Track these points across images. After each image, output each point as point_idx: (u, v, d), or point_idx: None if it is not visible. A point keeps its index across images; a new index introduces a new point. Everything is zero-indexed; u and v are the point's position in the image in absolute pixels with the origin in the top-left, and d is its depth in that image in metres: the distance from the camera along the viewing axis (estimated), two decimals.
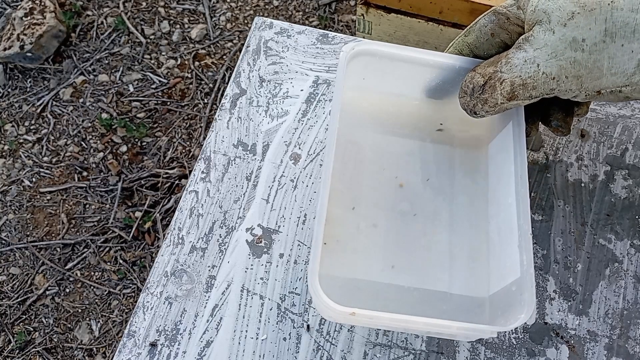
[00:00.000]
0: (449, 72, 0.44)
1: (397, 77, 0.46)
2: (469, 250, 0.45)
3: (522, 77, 0.38)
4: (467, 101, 0.41)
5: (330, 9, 1.50)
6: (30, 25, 1.44)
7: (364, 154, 0.48)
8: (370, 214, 0.46)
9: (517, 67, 0.38)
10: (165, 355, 0.45)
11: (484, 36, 0.42)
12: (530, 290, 0.37)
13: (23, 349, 1.21)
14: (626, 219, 0.48)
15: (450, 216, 0.46)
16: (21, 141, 1.39)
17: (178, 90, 1.43)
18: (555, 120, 0.43)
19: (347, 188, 0.46)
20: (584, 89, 0.38)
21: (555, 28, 0.38)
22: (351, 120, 0.48)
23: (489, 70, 0.40)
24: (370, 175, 0.47)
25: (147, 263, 1.26)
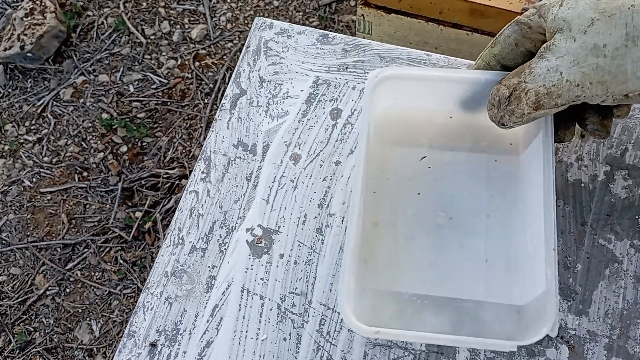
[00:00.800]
0: (478, 85, 0.45)
1: (428, 94, 0.47)
2: (505, 260, 0.45)
3: (546, 86, 0.38)
4: (495, 113, 0.42)
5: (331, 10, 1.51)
6: (31, 25, 1.44)
7: (400, 169, 0.49)
8: (407, 228, 0.47)
9: (541, 77, 0.39)
10: (165, 355, 0.45)
11: (509, 46, 0.43)
12: (552, 305, 0.38)
13: (23, 349, 1.21)
14: (626, 219, 0.48)
15: (487, 226, 0.46)
16: (21, 141, 1.39)
17: (178, 91, 1.43)
18: (591, 124, 0.43)
19: (384, 203, 0.47)
20: (610, 93, 0.38)
21: (576, 35, 0.38)
22: (385, 136, 0.49)
23: (514, 81, 0.40)
24: (406, 190, 0.48)
25: (147, 263, 1.26)
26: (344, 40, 0.55)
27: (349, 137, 0.52)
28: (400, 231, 0.46)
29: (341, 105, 0.53)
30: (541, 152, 0.42)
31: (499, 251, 0.45)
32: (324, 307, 0.46)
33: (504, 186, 0.48)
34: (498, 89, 0.41)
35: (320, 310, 0.46)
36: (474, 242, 0.46)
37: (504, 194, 0.47)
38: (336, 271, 0.47)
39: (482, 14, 0.78)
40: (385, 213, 0.47)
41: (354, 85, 0.53)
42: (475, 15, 0.78)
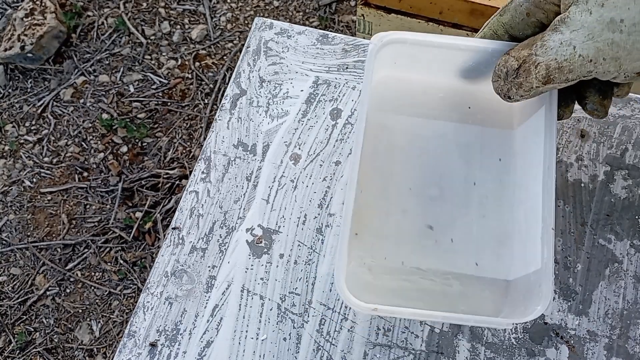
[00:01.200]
0: (483, 55, 0.44)
1: (429, 62, 0.45)
2: (497, 235, 0.45)
3: (557, 60, 0.37)
4: (500, 85, 0.40)
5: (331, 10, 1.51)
6: (31, 25, 1.44)
7: (395, 138, 0.48)
8: (400, 200, 0.46)
9: (553, 50, 0.37)
10: (165, 355, 0.45)
11: (520, 15, 0.41)
12: (548, 283, 0.38)
13: (24, 349, 1.21)
14: (626, 219, 0.48)
15: (480, 199, 0.46)
16: (22, 142, 1.39)
17: (178, 91, 1.43)
18: (591, 103, 0.42)
19: (378, 174, 0.47)
20: (623, 70, 0.37)
21: (592, 8, 0.36)
22: (382, 103, 0.48)
23: (524, 53, 0.38)
24: (401, 159, 0.47)
25: (147, 263, 1.26)
26: (344, 41, 0.55)
27: (349, 137, 0.52)
28: (392, 203, 0.46)
29: (341, 105, 0.53)
30: (542, 128, 0.42)
31: (491, 225, 0.45)
32: (324, 307, 0.46)
33: (498, 160, 0.47)
34: (506, 60, 0.40)
35: (320, 310, 0.46)
36: (466, 215, 0.46)
37: (498, 169, 0.47)
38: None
39: (482, 14, 0.78)
40: (376, 184, 0.46)
41: (354, 85, 0.53)
42: (475, 15, 0.78)
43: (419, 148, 0.48)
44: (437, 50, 0.44)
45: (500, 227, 0.45)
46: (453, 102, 0.49)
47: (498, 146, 0.47)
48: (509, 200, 0.46)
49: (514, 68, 0.39)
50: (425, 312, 0.38)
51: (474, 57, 0.44)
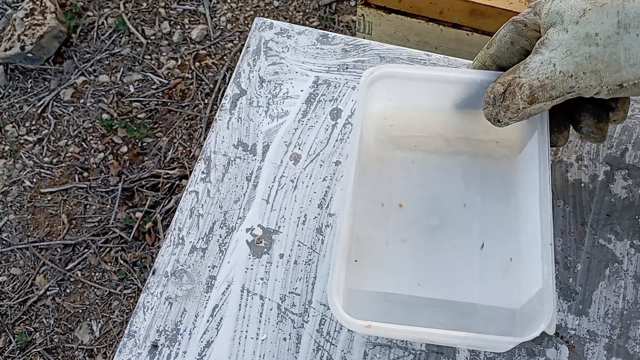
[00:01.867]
0: (473, 87, 0.45)
1: (422, 94, 0.46)
2: (499, 262, 0.45)
3: (539, 79, 0.39)
4: (490, 111, 0.41)
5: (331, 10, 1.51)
6: (31, 26, 1.44)
7: (394, 171, 0.48)
8: (399, 230, 0.46)
9: (534, 70, 0.39)
10: (165, 355, 0.45)
11: (504, 45, 0.43)
12: (550, 300, 0.37)
13: (24, 350, 1.21)
14: (626, 219, 0.48)
15: (481, 228, 0.46)
16: (22, 142, 1.39)
17: (178, 91, 1.43)
18: (586, 127, 0.43)
19: (376, 205, 0.47)
20: (605, 83, 0.38)
21: (568, 27, 0.38)
22: (379, 137, 0.49)
23: (508, 78, 0.40)
24: (400, 190, 0.48)
25: (147, 263, 1.26)
26: (344, 41, 0.55)
27: (348, 137, 0.52)
28: (392, 232, 0.46)
29: (341, 105, 0.53)
30: (536, 151, 0.42)
31: (493, 253, 0.45)
32: (324, 307, 0.46)
33: (499, 189, 0.47)
34: (493, 87, 0.41)
35: (320, 310, 0.46)
36: (467, 243, 0.46)
37: (499, 197, 0.47)
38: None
39: (482, 14, 0.78)
40: (376, 214, 0.47)
41: (354, 85, 0.53)
42: (475, 15, 0.78)
43: (418, 180, 0.48)
44: (428, 84, 0.45)
45: (503, 254, 0.45)
46: (451, 134, 0.49)
47: (498, 175, 0.48)
48: (511, 228, 0.46)
49: (500, 92, 0.40)
50: (421, 329, 0.38)
51: (466, 90, 0.45)
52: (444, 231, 0.46)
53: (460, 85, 0.45)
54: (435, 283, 0.44)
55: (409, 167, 0.48)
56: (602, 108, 0.43)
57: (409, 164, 0.48)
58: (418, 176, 0.48)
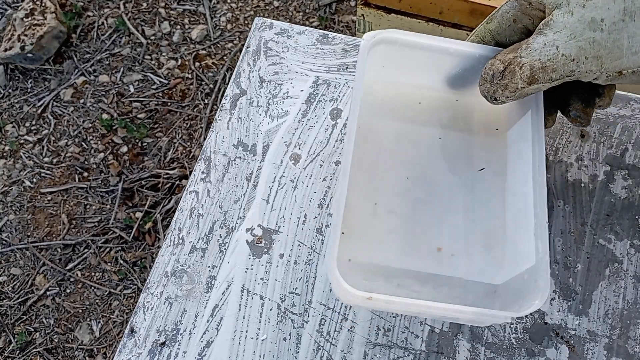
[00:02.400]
0: (470, 61, 0.44)
1: (417, 65, 0.46)
2: (484, 238, 0.45)
3: (541, 60, 0.38)
4: (487, 88, 0.41)
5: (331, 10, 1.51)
6: (31, 26, 1.44)
7: (383, 143, 0.48)
8: (387, 202, 0.46)
9: (537, 51, 0.38)
10: (165, 355, 0.45)
11: (506, 22, 0.42)
12: (545, 277, 0.37)
13: (24, 350, 1.21)
14: (626, 219, 0.48)
15: (467, 203, 0.46)
16: (22, 142, 1.39)
17: (178, 91, 1.43)
18: (574, 111, 0.43)
19: (366, 176, 0.47)
20: (605, 69, 0.38)
21: (574, 10, 0.38)
22: (370, 109, 0.48)
23: (509, 56, 0.40)
24: (389, 163, 0.47)
25: (147, 263, 1.26)
26: (344, 41, 0.55)
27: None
28: (380, 204, 0.46)
29: (341, 105, 0.53)
30: (529, 131, 0.42)
31: (479, 229, 0.45)
32: (324, 307, 0.46)
33: (487, 164, 0.47)
34: (492, 63, 0.41)
35: (320, 310, 0.46)
36: (453, 218, 0.46)
37: (486, 173, 0.47)
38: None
39: (482, 14, 0.78)
40: (364, 186, 0.46)
41: (354, 86, 0.53)
42: (475, 15, 0.78)
43: (406, 152, 0.48)
44: (426, 54, 0.45)
45: (489, 231, 0.45)
46: (441, 108, 0.49)
47: (486, 152, 0.48)
48: (497, 205, 0.46)
49: (500, 70, 0.40)
50: (422, 302, 0.37)
51: (462, 63, 0.45)
52: (431, 204, 0.46)
53: (458, 57, 0.44)
54: (421, 255, 0.44)
55: (397, 138, 0.48)
56: (590, 93, 0.43)
57: (397, 135, 0.48)
58: (406, 148, 0.48)
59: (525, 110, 0.44)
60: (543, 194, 0.40)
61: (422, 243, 0.45)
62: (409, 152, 0.48)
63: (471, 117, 0.48)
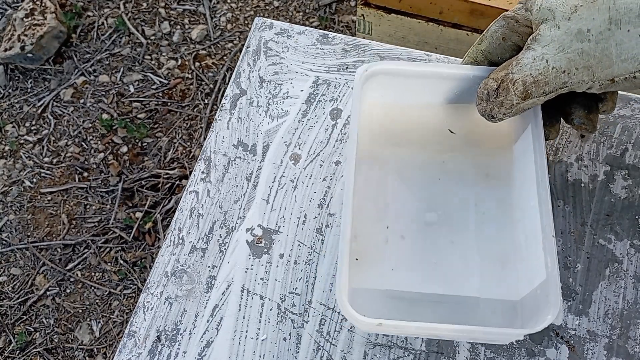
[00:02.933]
0: (466, 82, 0.45)
1: (415, 91, 0.47)
2: (498, 255, 0.45)
3: (532, 75, 0.39)
4: (484, 107, 0.42)
5: (331, 10, 1.51)
6: (31, 26, 1.44)
7: (388, 168, 0.48)
8: (397, 227, 0.46)
9: (527, 66, 0.39)
10: (165, 355, 0.45)
11: (496, 41, 0.43)
12: (555, 291, 0.38)
13: (24, 350, 1.21)
14: (626, 219, 0.48)
15: (477, 222, 0.46)
16: (22, 142, 1.39)
17: (178, 91, 1.43)
18: (577, 118, 0.43)
19: (373, 203, 0.47)
20: (597, 78, 0.38)
21: (560, 23, 0.38)
22: (372, 135, 0.49)
23: (501, 74, 0.40)
24: (395, 188, 0.48)
25: (147, 263, 1.26)
26: (344, 41, 0.55)
27: (349, 137, 0.52)
28: (391, 230, 0.46)
29: (341, 105, 0.53)
30: (530, 145, 0.42)
31: (491, 247, 0.45)
32: (324, 307, 0.46)
33: (493, 182, 0.47)
34: (486, 83, 0.41)
35: (320, 310, 0.46)
36: (465, 238, 0.46)
37: (493, 190, 0.47)
38: (336, 271, 0.47)
39: (482, 14, 0.78)
40: (373, 213, 0.47)
41: (353, 86, 0.53)
42: (475, 15, 0.78)
43: (412, 176, 0.48)
44: (421, 80, 0.46)
45: (501, 248, 0.45)
46: (444, 129, 0.49)
47: (492, 169, 0.48)
48: (507, 221, 0.46)
49: (494, 88, 0.40)
50: (432, 325, 0.38)
51: (458, 85, 0.45)
52: (442, 226, 0.46)
53: (453, 81, 0.45)
54: (435, 278, 0.45)
55: (403, 163, 0.48)
56: (591, 100, 0.43)
57: (403, 160, 0.49)
58: (413, 172, 0.48)
59: (526, 125, 0.44)
60: (548, 208, 0.40)
61: (436, 266, 0.45)
62: (415, 176, 0.48)
63: (474, 136, 0.49)
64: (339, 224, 0.48)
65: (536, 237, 0.40)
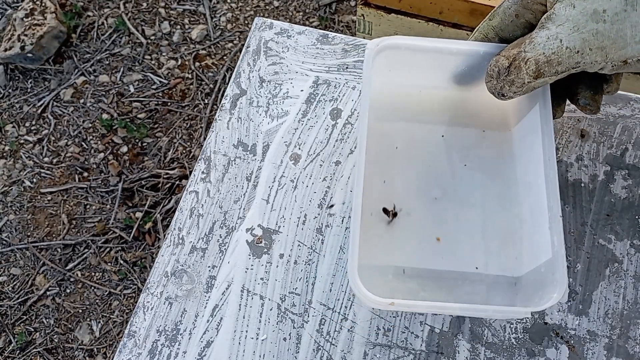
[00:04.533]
0: (475, 58, 0.45)
1: (423, 67, 0.47)
2: (502, 232, 0.46)
3: (545, 54, 0.39)
4: (494, 84, 0.42)
5: (331, 10, 1.51)
6: (31, 26, 1.44)
7: (395, 144, 0.49)
8: (403, 203, 0.47)
9: (541, 45, 0.39)
10: (165, 355, 0.45)
11: (509, 18, 0.42)
12: (562, 270, 0.38)
13: (24, 350, 1.21)
14: (626, 219, 0.48)
15: (482, 199, 0.47)
16: (22, 142, 1.39)
17: (178, 91, 1.43)
18: (583, 99, 0.43)
19: (380, 178, 0.47)
20: (610, 59, 0.38)
21: (575, 2, 0.38)
22: (380, 112, 0.49)
23: (513, 52, 0.40)
24: (402, 164, 0.48)
25: (147, 263, 1.26)
26: (344, 40, 0.55)
27: (349, 137, 0.52)
28: (397, 206, 0.47)
29: (341, 105, 0.53)
30: (538, 125, 0.43)
31: (495, 223, 0.46)
32: (324, 307, 0.46)
33: (497, 160, 0.48)
34: (497, 60, 0.41)
35: (320, 310, 0.46)
36: (470, 215, 0.46)
37: (497, 167, 0.48)
38: (336, 271, 0.47)
39: (482, 14, 0.78)
40: (379, 188, 0.47)
41: (354, 85, 0.53)
42: (475, 15, 0.78)
43: (418, 152, 0.48)
44: (430, 55, 0.45)
45: (506, 225, 0.46)
46: (449, 106, 0.49)
47: (497, 146, 0.48)
48: (511, 198, 0.46)
49: (505, 66, 0.40)
50: (443, 304, 0.39)
51: (467, 61, 0.45)
52: (447, 202, 0.47)
53: (462, 56, 0.45)
54: (441, 254, 0.45)
55: (409, 139, 0.49)
56: (598, 80, 0.44)
57: (409, 136, 0.49)
58: (418, 148, 0.49)
59: (533, 104, 0.44)
60: (555, 188, 0.40)
61: (441, 241, 0.46)
62: (421, 152, 0.48)
63: (479, 114, 0.49)
64: (339, 224, 0.48)
65: (542, 215, 0.41)
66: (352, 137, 0.52)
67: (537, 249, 0.41)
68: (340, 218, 0.49)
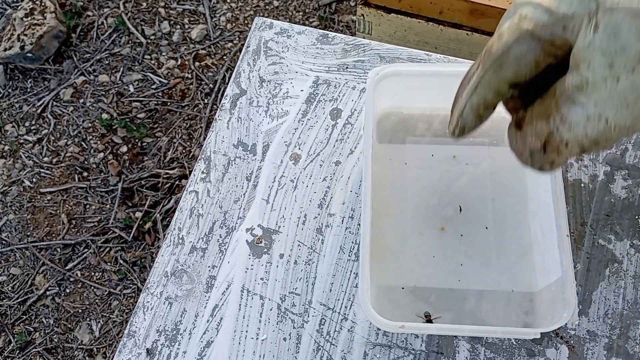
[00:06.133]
0: None
1: (427, 90, 0.47)
2: (514, 248, 0.46)
3: (589, 136, 0.32)
4: (529, 162, 0.36)
5: (331, 10, 1.50)
6: (31, 25, 1.44)
7: (405, 166, 0.49)
8: (415, 224, 0.47)
9: (580, 126, 0.32)
10: (165, 355, 0.45)
11: (526, 68, 0.34)
12: (571, 290, 0.38)
13: (23, 349, 1.21)
14: (626, 219, 0.48)
15: (494, 216, 0.47)
16: (21, 141, 1.39)
17: (178, 91, 1.43)
18: None
19: (391, 202, 0.48)
20: None
21: (621, 75, 0.31)
22: (386, 135, 0.50)
23: (542, 129, 0.33)
24: (413, 184, 0.49)
25: (147, 263, 1.26)
26: (344, 40, 0.55)
27: (349, 137, 0.52)
28: (409, 227, 0.47)
29: (341, 105, 0.53)
30: None
31: (508, 240, 0.46)
32: (324, 307, 0.46)
33: (508, 177, 0.48)
34: (524, 138, 0.35)
35: (320, 310, 0.46)
36: (482, 232, 0.47)
37: (508, 184, 0.48)
38: (336, 271, 0.47)
39: (482, 14, 0.78)
40: (392, 210, 0.48)
41: (354, 85, 0.53)
42: (475, 15, 0.78)
43: (429, 172, 0.49)
44: (433, 79, 0.46)
45: (518, 240, 0.46)
46: None
47: (506, 163, 0.49)
48: (523, 214, 0.47)
49: (538, 148, 0.34)
50: (452, 326, 0.40)
51: None
52: (459, 221, 0.47)
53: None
54: (454, 272, 0.45)
55: (418, 161, 0.49)
56: None
57: (418, 158, 0.50)
58: (428, 169, 0.49)
59: None
60: (562, 206, 0.41)
61: (454, 259, 0.46)
62: (431, 173, 0.49)
63: (487, 132, 0.49)
64: (339, 224, 0.48)
65: (552, 232, 0.41)
66: (352, 137, 0.52)
67: (548, 266, 0.42)
68: (340, 218, 0.49)
